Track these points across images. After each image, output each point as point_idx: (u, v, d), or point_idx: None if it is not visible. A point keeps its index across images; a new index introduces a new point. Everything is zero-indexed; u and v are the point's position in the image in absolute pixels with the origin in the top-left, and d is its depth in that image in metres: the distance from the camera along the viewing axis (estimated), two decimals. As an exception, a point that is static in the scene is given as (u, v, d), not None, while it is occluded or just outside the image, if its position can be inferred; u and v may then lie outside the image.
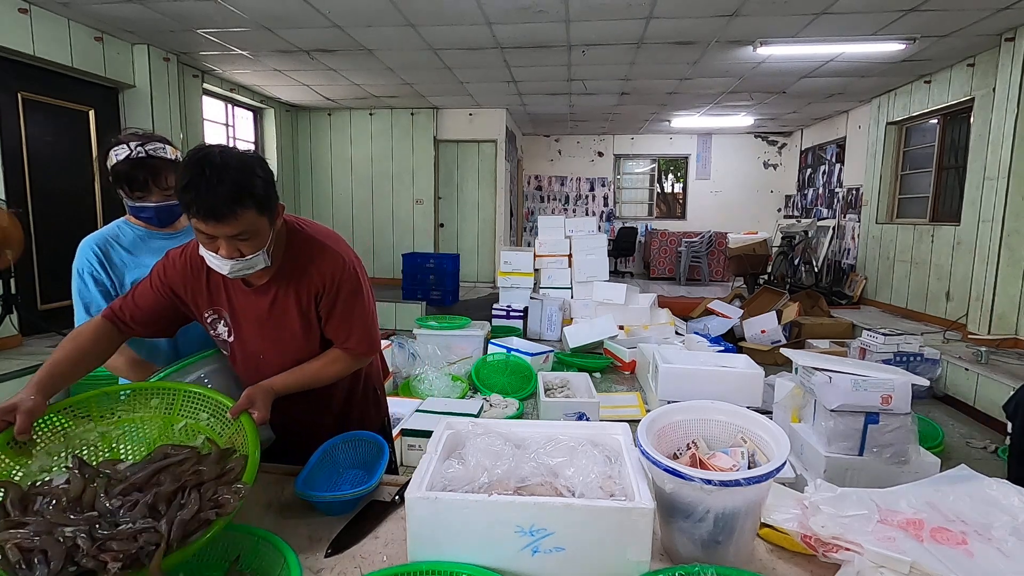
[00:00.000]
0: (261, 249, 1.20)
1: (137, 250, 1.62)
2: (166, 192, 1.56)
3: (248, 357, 1.39)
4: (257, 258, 1.20)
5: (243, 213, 1.12)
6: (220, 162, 1.10)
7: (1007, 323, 4.82)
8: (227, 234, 1.14)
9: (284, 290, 1.33)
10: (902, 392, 2.38)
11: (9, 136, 4.32)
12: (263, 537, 1.06)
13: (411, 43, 5.23)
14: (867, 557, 0.99)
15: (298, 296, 1.34)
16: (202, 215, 1.11)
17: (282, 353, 1.37)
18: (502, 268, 6.37)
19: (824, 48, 5.23)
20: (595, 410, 3.10)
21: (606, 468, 1.10)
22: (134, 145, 1.50)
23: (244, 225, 1.14)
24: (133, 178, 1.51)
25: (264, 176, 1.17)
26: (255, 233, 1.17)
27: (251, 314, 1.34)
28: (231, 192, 1.10)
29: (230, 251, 1.17)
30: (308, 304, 1.35)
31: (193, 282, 1.33)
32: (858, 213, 7.55)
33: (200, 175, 1.09)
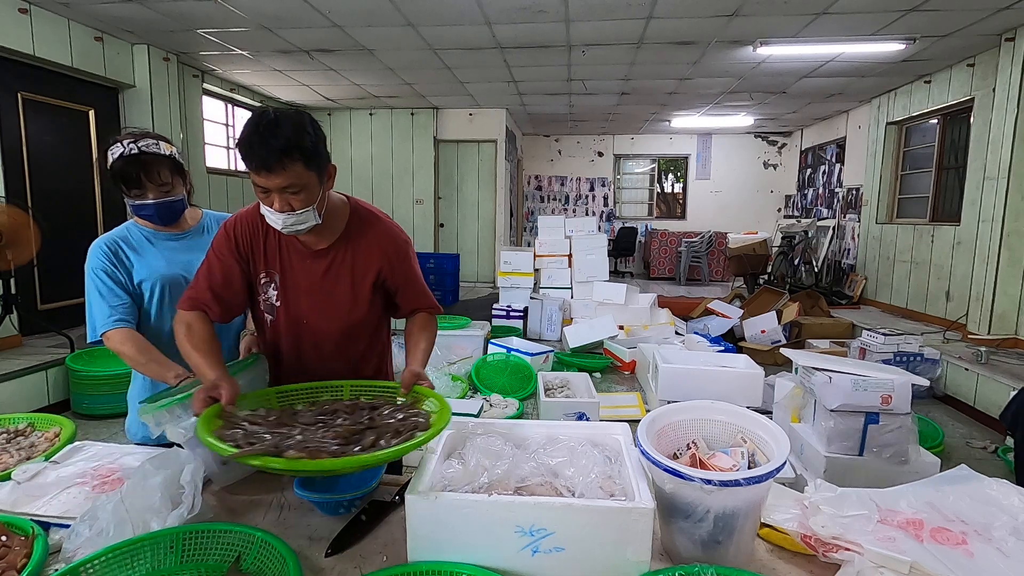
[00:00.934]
0: (311, 205, 1.27)
1: (144, 251, 1.63)
2: (162, 187, 1.56)
3: (292, 322, 1.43)
4: (308, 213, 1.27)
5: (291, 165, 1.20)
6: (273, 119, 1.20)
7: (1007, 323, 4.82)
8: (278, 185, 1.22)
9: (342, 257, 1.41)
10: (902, 392, 2.38)
11: (9, 136, 4.32)
12: (263, 537, 1.06)
13: (411, 43, 5.23)
14: (867, 557, 0.99)
15: (355, 265, 1.42)
16: (255, 166, 1.20)
17: (327, 319, 1.44)
18: (502, 268, 6.37)
19: (824, 48, 5.23)
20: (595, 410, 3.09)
21: (606, 468, 1.10)
22: (127, 143, 1.51)
23: (293, 177, 1.22)
24: (127, 175, 1.51)
25: (313, 133, 1.24)
26: (304, 187, 1.24)
27: (304, 278, 1.41)
28: (281, 145, 1.18)
29: (282, 204, 1.24)
30: (364, 274, 1.43)
31: (254, 241, 1.40)
32: (858, 213, 7.55)
33: (255, 131, 1.19)
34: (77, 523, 1.08)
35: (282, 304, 1.42)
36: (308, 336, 1.44)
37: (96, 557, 0.99)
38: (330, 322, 1.44)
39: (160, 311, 1.63)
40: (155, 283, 1.61)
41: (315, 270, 1.41)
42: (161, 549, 1.06)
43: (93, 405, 3.90)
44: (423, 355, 1.44)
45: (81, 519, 1.09)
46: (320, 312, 1.43)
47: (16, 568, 0.98)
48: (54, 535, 1.13)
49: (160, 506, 1.12)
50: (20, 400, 3.68)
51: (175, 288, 1.62)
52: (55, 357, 4.01)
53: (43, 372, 3.88)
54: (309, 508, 1.26)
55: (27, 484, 1.27)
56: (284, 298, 1.42)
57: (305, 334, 1.44)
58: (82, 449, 1.47)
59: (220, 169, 7.01)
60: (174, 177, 1.59)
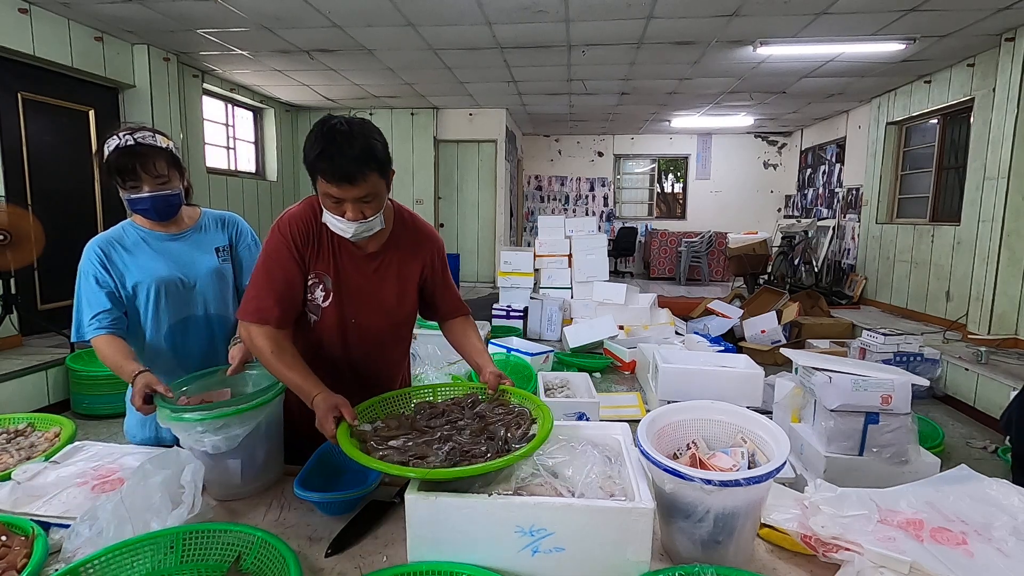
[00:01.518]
0: (379, 212, 1.31)
1: (139, 251, 1.61)
2: (158, 180, 1.53)
3: (340, 320, 1.44)
4: (376, 219, 1.31)
5: (369, 175, 1.23)
6: (347, 130, 1.22)
7: (1007, 323, 4.81)
8: (355, 196, 1.24)
9: (390, 258, 1.45)
10: (902, 392, 2.38)
11: (9, 136, 4.32)
12: (263, 537, 1.06)
13: (411, 43, 5.23)
14: (867, 557, 0.99)
15: (401, 265, 1.46)
16: (336, 179, 1.22)
17: (376, 318, 1.46)
18: (502, 268, 6.37)
19: (824, 48, 5.22)
20: (595, 410, 3.09)
21: (606, 468, 1.10)
22: (123, 134, 1.49)
23: (370, 187, 1.25)
24: (122, 167, 1.49)
25: (382, 141, 1.27)
26: (376, 195, 1.28)
27: (355, 278, 1.43)
28: (359, 156, 1.21)
29: (355, 213, 1.27)
30: (410, 273, 1.48)
31: (309, 244, 1.39)
32: (858, 213, 7.55)
33: (332, 143, 1.20)
34: (77, 523, 1.09)
35: (332, 304, 1.43)
36: (354, 334, 1.46)
37: (96, 557, 0.99)
38: (378, 321, 1.47)
39: (156, 313, 1.61)
40: (150, 285, 1.59)
41: (366, 271, 1.43)
42: (161, 549, 1.06)
43: (93, 405, 3.90)
44: (488, 356, 1.48)
45: (81, 519, 1.09)
46: (369, 312, 1.45)
47: (16, 568, 0.98)
48: (54, 535, 1.13)
49: (160, 506, 1.12)
50: (20, 400, 3.68)
51: (171, 289, 1.61)
52: (55, 357, 4.01)
53: (43, 372, 3.88)
54: (309, 508, 1.26)
55: (27, 484, 1.27)
56: (337, 298, 1.42)
57: (351, 332, 1.46)
58: (82, 449, 1.47)
59: (220, 169, 7.01)
60: (171, 170, 1.56)
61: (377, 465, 1.03)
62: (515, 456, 1.03)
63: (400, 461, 1.06)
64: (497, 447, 1.10)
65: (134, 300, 1.60)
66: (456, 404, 1.32)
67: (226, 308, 1.73)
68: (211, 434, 1.23)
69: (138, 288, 1.59)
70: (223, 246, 1.72)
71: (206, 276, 1.66)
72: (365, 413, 1.27)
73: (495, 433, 1.15)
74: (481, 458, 1.06)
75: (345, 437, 1.12)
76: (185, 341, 1.66)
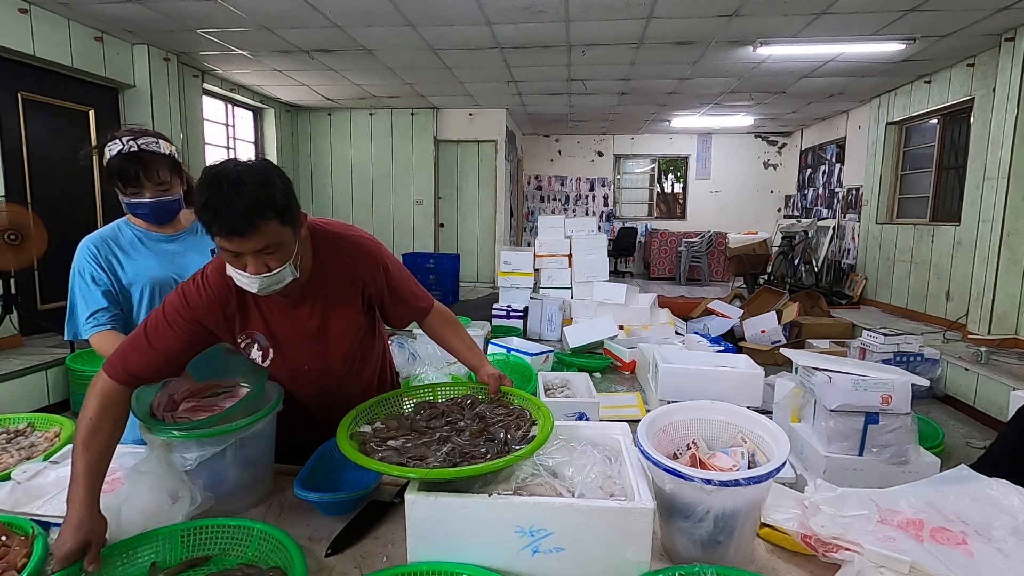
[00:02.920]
0: (288, 261, 1.16)
1: (134, 251, 1.61)
2: (160, 187, 1.54)
3: (290, 372, 1.35)
4: (284, 271, 1.16)
5: (264, 226, 1.08)
6: (236, 176, 1.06)
7: (1007, 323, 4.81)
8: (252, 249, 1.10)
9: (320, 293, 1.31)
10: (902, 392, 2.38)
11: (9, 136, 4.32)
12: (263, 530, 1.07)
13: (411, 43, 5.23)
14: (867, 557, 0.99)
15: (337, 298, 1.33)
16: (225, 232, 1.07)
17: (327, 361, 1.36)
18: (502, 268, 6.37)
19: (824, 48, 5.22)
20: (595, 410, 3.09)
21: (606, 468, 1.10)
22: (126, 140, 1.48)
23: (268, 238, 1.10)
24: (125, 172, 1.49)
25: (283, 185, 1.12)
26: (279, 245, 1.13)
27: (292, 328, 1.31)
28: (250, 206, 1.05)
29: (257, 267, 1.13)
30: (349, 301, 1.35)
31: (222, 309, 1.25)
32: (858, 213, 7.55)
33: (217, 192, 1.05)
34: None
35: (275, 360, 1.32)
36: (306, 380, 1.37)
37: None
38: (332, 359, 1.37)
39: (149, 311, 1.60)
40: (144, 286, 1.59)
41: (300, 316, 1.31)
42: (163, 545, 1.06)
43: (93, 405, 3.90)
44: (478, 352, 1.43)
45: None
46: (319, 355, 1.35)
47: (16, 568, 0.98)
48: (54, 535, 1.13)
49: (162, 501, 1.12)
50: (20, 400, 3.68)
51: (165, 290, 1.60)
52: (55, 357, 4.01)
53: (43, 372, 3.88)
54: (309, 508, 1.25)
55: (27, 484, 1.27)
56: (277, 352, 1.32)
57: (303, 380, 1.36)
58: (82, 449, 1.47)
59: (220, 169, 7.01)
60: (172, 176, 1.57)
61: (376, 466, 1.02)
62: (515, 457, 1.03)
63: (399, 462, 1.06)
64: (497, 448, 1.10)
65: (128, 300, 1.60)
66: (456, 404, 1.32)
67: None
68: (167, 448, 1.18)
69: (132, 288, 1.59)
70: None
71: None
72: (364, 414, 1.27)
73: (495, 435, 1.15)
74: (480, 459, 1.06)
75: (344, 438, 1.12)
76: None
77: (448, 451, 1.10)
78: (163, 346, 1.19)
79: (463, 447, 1.11)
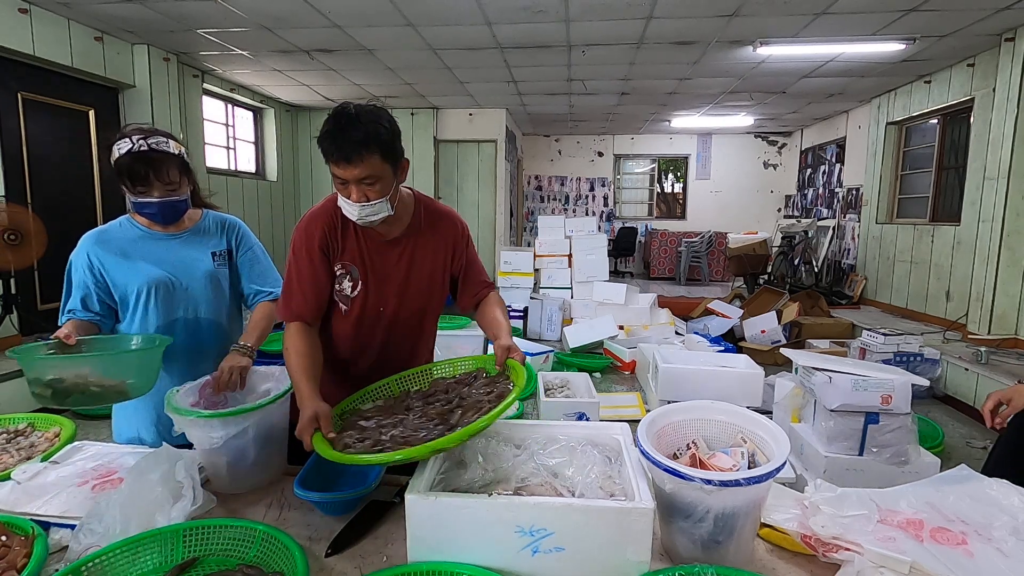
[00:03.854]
0: (385, 196, 1.32)
1: (132, 251, 1.60)
2: (169, 187, 1.54)
3: (369, 309, 1.47)
4: (382, 204, 1.32)
5: (369, 156, 1.26)
6: (353, 113, 1.26)
7: (1007, 323, 4.81)
8: (356, 176, 1.27)
9: (414, 244, 1.47)
10: (902, 392, 2.38)
11: (9, 136, 4.31)
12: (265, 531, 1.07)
13: (411, 43, 5.23)
14: (867, 557, 0.99)
15: (426, 249, 1.48)
16: (336, 158, 1.26)
17: (404, 304, 1.49)
18: (502, 268, 6.37)
19: (824, 48, 5.22)
20: (595, 410, 3.09)
21: (606, 468, 1.10)
22: (136, 139, 1.48)
23: (370, 168, 1.27)
24: (135, 172, 1.49)
25: (389, 127, 1.29)
26: (379, 178, 1.29)
27: (381, 267, 1.46)
28: (360, 137, 1.24)
29: (359, 195, 1.30)
30: (436, 257, 1.50)
31: (331, 236, 1.43)
32: (858, 213, 7.55)
33: (337, 124, 1.25)
34: (83, 522, 1.09)
35: (361, 293, 1.46)
36: (384, 322, 1.49)
37: (98, 556, 1.00)
38: (408, 307, 1.50)
39: (145, 315, 1.60)
40: (141, 287, 1.58)
41: (392, 258, 1.46)
42: (164, 545, 1.06)
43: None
44: (508, 327, 1.49)
45: (87, 518, 1.09)
46: (400, 298, 1.48)
47: (16, 568, 0.98)
48: (54, 535, 1.13)
49: (162, 500, 1.12)
50: (20, 400, 3.68)
51: (161, 291, 1.60)
52: (55, 357, 4.01)
53: (43, 372, 3.88)
54: (309, 508, 1.26)
55: (27, 484, 1.27)
56: (365, 287, 1.46)
57: (381, 320, 1.49)
58: (82, 449, 1.47)
59: (220, 169, 7.00)
60: (181, 176, 1.57)
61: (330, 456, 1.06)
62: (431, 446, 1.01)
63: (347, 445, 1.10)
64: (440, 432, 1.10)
65: (126, 304, 1.60)
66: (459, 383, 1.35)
67: (219, 313, 1.70)
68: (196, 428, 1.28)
69: (127, 295, 1.59)
70: (220, 251, 1.70)
71: (199, 279, 1.65)
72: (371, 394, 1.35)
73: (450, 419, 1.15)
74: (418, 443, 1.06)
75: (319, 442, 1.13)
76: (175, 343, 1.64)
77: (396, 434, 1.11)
78: (305, 279, 1.42)
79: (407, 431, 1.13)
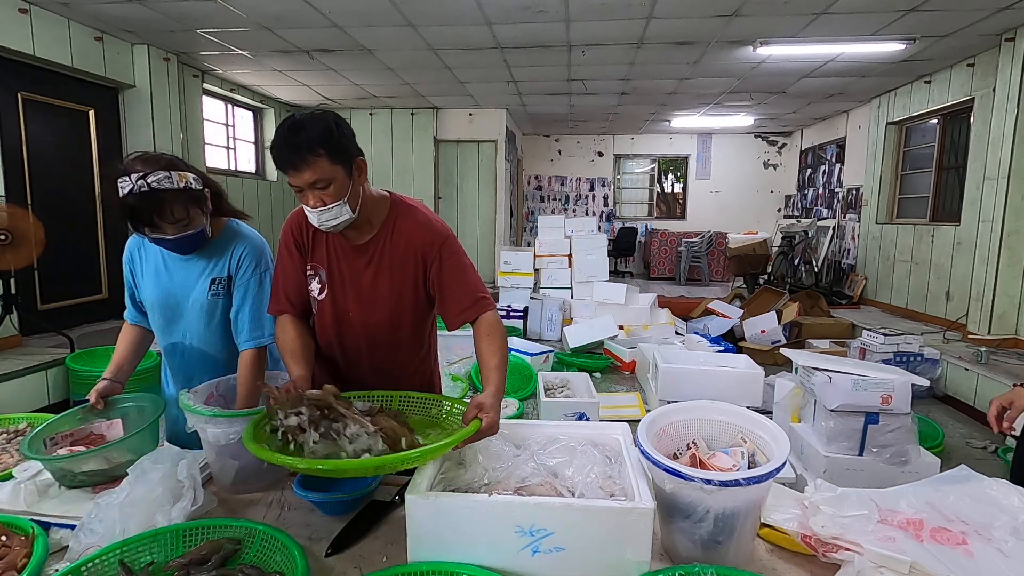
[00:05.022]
0: (342, 199, 1.30)
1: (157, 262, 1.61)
2: (181, 222, 1.43)
3: (335, 313, 1.47)
4: (340, 207, 1.30)
5: (315, 160, 1.24)
6: (298, 120, 1.26)
7: (1007, 323, 4.81)
8: (307, 181, 1.26)
9: (382, 249, 1.43)
10: (902, 392, 2.38)
11: (9, 136, 4.31)
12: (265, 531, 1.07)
13: (411, 43, 5.23)
14: (867, 557, 0.99)
15: (394, 256, 1.43)
16: (283, 165, 1.26)
17: (370, 311, 1.46)
18: (502, 268, 6.37)
19: (824, 48, 5.22)
20: (595, 410, 3.09)
21: (606, 468, 1.10)
22: (136, 177, 1.35)
23: (320, 171, 1.25)
24: (136, 214, 1.38)
25: (337, 129, 1.28)
26: (331, 181, 1.27)
27: (346, 270, 1.44)
28: (304, 141, 1.23)
29: (315, 200, 1.28)
30: (407, 269, 1.44)
31: (304, 237, 1.46)
32: (858, 213, 7.55)
33: (280, 133, 1.26)
34: (84, 522, 1.09)
35: (327, 296, 1.46)
36: (352, 330, 1.47)
37: (99, 556, 1.00)
38: (373, 314, 1.46)
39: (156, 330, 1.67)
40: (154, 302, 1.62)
41: (358, 263, 1.44)
42: (165, 545, 1.06)
43: (93, 405, 3.90)
44: (496, 377, 1.29)
45: (88, 518, 1.09)
46: (364, 304, 1.45)
47: (16, 568, 0.98)
48: (54, 535, 1.14)
49: (163, 500, 1.12)
50: (20, 400, 3.68)
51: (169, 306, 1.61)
52: (55, 357, 4.00)
53: (43, 372, 3.87)
54: (309, 508, 1.26)
55: (27, 484, 1.27)
56: (330, 291, 1.45)
57: (349, 328, 1.47)
58: (82, 449, 1.47)
59: (220, 169, 7.00)
60: (191, 210, 1.44)
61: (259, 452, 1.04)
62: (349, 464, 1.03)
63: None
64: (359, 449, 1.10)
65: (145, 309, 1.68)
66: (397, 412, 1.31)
67: (210, 344, 1.63)
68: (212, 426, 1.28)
69: (145, 303, 1.66)
70: (220, 278, 1.59)
71: (190, 308, 1.60)
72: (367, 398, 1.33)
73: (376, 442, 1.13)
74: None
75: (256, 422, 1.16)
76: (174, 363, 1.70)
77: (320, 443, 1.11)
78: (287, 274, 1.46)
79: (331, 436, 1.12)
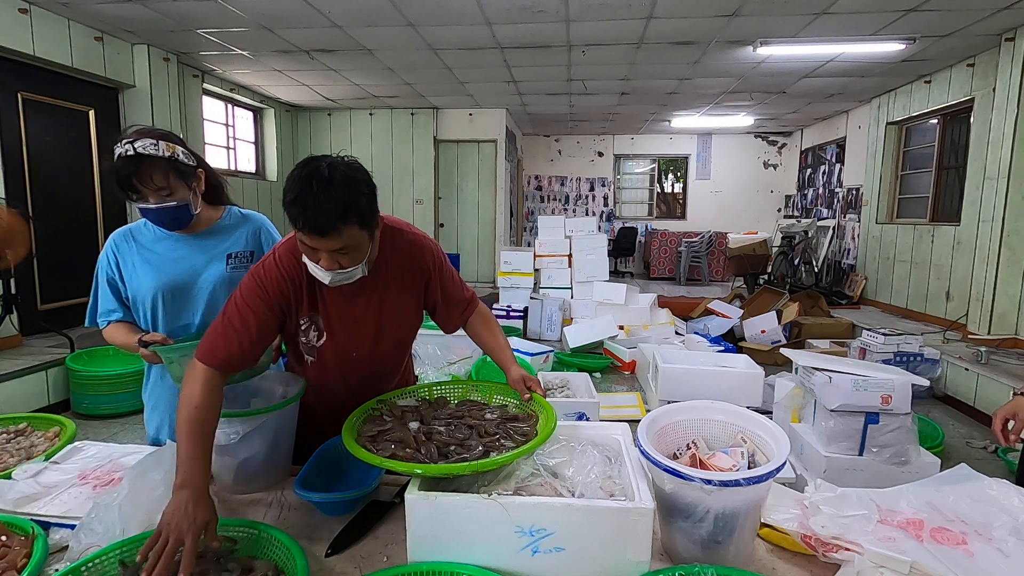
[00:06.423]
0: (361, 262, 1.23)
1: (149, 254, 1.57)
2: (161, 192, 1.43)
3: (340, 356, 1.40)
4: (356, 270, 1.23)
5: (346, 229, 1.13)
6: (327, 177, 1.11)
7: (1007, 323, 4.81)
8: (330, 248, 1.16)
9: (385, 284, 1.37)
10: (902, 392, 2.38)
11: (9, 136, 4.31)
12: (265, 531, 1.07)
13: (411, 43, 5.23)
14: (867, 557, 0.99)
15: (395, 287, 1.38)
16: (308, 230, 1.12)
17: (380, 343, 1.41)
18: (502, 268, 6.37)
19: (824, 48, 5.22)
20: (595, 410, 3.09)
21: (606, 468, 1.10)
22: (125, 142, 1.39)
23: (347, 240, 1.15)
24: (119, 177, 1.41)
25: (368, 192, 1.17)
26: (355, 247, 1.19)
27: (348, 312, 1.36)
28: (336, 208, 1.10)
29: (331, 263, 1.19)
30: (412, 294, 1.41)
31: (293, 289, 1.31)
32: (858, 213, 7.55)
33: (308, 190, 1.10)
34: (84, 522, 1.09)
35: (328, 342, 1.37)
36: (359, 366, 1.41)
37: (98, 556, 1.00)
38: (383, 347, 1.42)
39: (154, 320, 1.58)
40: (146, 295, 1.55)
41: (359, 304, 1.36)
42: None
43: (93, 405, 3.90)
44: (511, 353, 1.43)
45: (88, 518, 1.09)
46: (374, 341, 1.40)
47: (16, 568, 0.98)
48: (54, 535, 1.13)
49: (163, 501, 1.12)
50: (20, 400, 3.68)
51: (167, 297, 1.56)
52: (55, 357, 4.01)
53: (43, 372, 3.88)
54: (309, 508, 1.26)
55: (27, 484, 1.27)
56: (330, 335, 1.37)
57: (354, 365, 1.41)
58: (82, 449, 1.47)
59: (220, 169, 7.01)
60: (173, 180, 1.44)
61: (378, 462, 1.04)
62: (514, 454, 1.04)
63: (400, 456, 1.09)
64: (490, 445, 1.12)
65: (134, 304, 1.59)
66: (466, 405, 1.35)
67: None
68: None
69: (137, 296, 1.57)
70: (238, 251, 1.61)
71: (208, 284, 1.58)
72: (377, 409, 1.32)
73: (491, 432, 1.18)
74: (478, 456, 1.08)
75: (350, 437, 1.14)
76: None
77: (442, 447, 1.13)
78: (243, 329, 1.24)
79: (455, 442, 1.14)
